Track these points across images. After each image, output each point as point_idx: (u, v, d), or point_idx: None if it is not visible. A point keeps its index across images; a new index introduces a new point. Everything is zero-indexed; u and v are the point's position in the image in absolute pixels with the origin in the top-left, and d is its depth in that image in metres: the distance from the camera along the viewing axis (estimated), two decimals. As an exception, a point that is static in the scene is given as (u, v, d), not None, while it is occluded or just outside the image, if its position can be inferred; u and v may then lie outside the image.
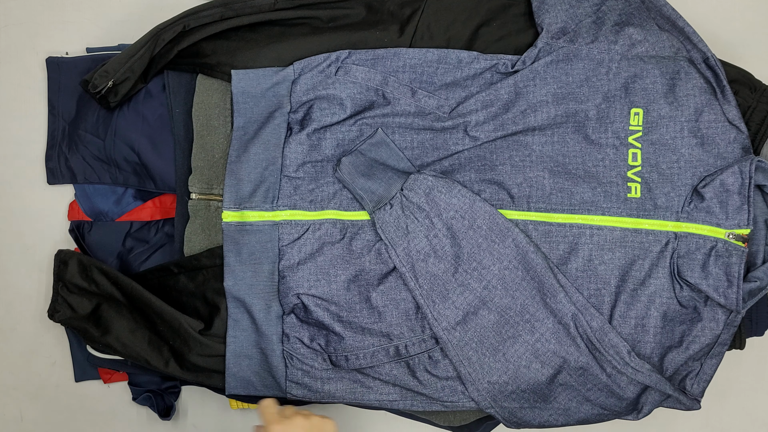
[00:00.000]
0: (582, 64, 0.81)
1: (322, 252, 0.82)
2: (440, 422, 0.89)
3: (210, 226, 0.85)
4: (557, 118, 0.81)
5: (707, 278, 0.78)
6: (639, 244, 0.80)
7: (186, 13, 0.82)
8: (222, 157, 0.85)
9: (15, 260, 0.95)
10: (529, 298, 0.79)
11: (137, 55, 0.82)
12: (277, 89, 0.82)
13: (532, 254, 0.78)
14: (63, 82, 0.92)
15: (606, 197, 0.81)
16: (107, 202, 0.92)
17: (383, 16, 0.85)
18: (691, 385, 0.80)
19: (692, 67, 0.81)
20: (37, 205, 0.94)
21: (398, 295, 0.81)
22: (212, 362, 0.83)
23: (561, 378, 0.80)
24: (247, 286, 0.82)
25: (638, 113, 0.81)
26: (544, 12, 0.83)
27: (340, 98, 0.82)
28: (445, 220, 0.79)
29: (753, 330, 0.88)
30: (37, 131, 0.94)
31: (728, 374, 0.93)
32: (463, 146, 0.81)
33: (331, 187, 0.82)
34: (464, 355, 0.79)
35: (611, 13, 0.83)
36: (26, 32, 0.95)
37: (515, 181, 0.81)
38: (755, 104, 0.83)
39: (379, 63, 0.83)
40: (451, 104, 0.82)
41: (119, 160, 0.89)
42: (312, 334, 0.82)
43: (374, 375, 0.82)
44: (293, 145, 0.82)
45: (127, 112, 0.89)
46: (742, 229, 0.78)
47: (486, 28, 0.84)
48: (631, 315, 0.79)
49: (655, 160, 0.80)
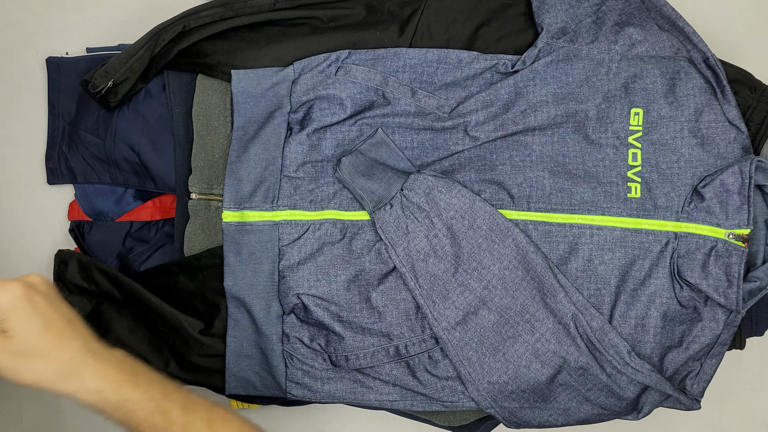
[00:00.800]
0: (582, 64, 0.81)
1: (322, 252, 0.82)
2: (440, 422, 0.89)
3: (210, 226, 0.85)
4: (557, 118, 0.81)
5: (707, 278, 0.78)
6: (639, 244, 0.80)
7: (186, 13, 0.82)
8: (222, 157, 0.85)
9: (15, 260, 0.95)
10: (529, 298, 0.79)
11: (137, 55, 0.82)
12: (277, 89, 0.82)
13: (532, 254, 0.78)
14: (63, 82, 0.92)
15: (606, 197, 0.81)
16: (107, 202, 0.92)
17: (383, 16, 0.85)
18: (691, 385, 0.80)
19: (692, 67, 0.81)
20: (37, 205, 0.94)
21: (398, 295, 0.81)
22: (212, 362, 0.83)
23: (561, 378, 0.80)
24: (247, 286, 0.82)
25: (638, 113, 0.81)
26: (544, 12, 0.83)
27: (340, 98, 0.82)
28: (445, 220, 0.79)
29: (753, 330, 0.88)
30: (37, 131, 0.94)
31: (728, 374, 0.93)
32: (463, 146, 0.81)
33: (331, 187, 0.82)
34: (464, 355, 0.79)
35: (611, 13, 0.83)
36: (26, 32, 0.95)
37: (515, 181, 0.81)
38: (755, 104, 0.83)
39: (379, 63, 0.83)
40: (451, 104, 0.82)
41: (119, 160, 0.89)
42: (312, 334, 0.82)
43: (374, 375, 0.82)
44: (293, 145, 0.82)
45: (127, 112, 0.89)
46: (742, 229, 0.78)
47: (486, 28, 0.84)
48: (631, 315, 0.79)
49: (655, 160, 0.80)
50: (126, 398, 0.57)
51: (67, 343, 0.57)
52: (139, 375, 0.59)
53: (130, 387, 0.57)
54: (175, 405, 0.58)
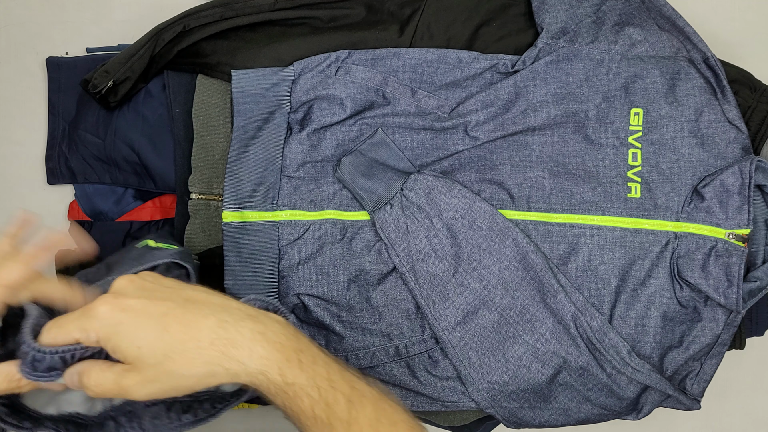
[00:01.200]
0: (582, 64, 0.81)
1: (322, 252, 0.82)
2: (440, 422, 0.89)
3: (210, 226, 0.85)
4: (557, 118, 0.81)
5: (707, 278, 0.78)
6: (639, 244, 0.80)
7: (186, 13, 0.82)
8: (222, 157, 0.85)
9: (15, 260, 0.95)
10: (529, 298, 0.79)
11: (137, 55, 0.82)
12: (277, 89, 0.82)
13: (532, 254, 0.78)
14: (63, 82, 0.92)
15: (606, 197, 0.81)
16: (107, 202, 0.92)
17: (383, 16, 0.85)
18: (691, 385, 0.80)
19: (692, 67, 0.81)
20: (37, 205, 0.94)
21: (398, 295, 0.81)
22: (212, 362, 0.83)
23: (561, 378, 0.80)
24: (247, 286, 0.82)
25: (638, 113, 0.81)
26: (544, 12, 0.83)
27: (340, 98, 0.82)
28: (445, 220, 0.79)
29: (753, 330, 0.88)
30: (37, 131, 0.94)
31: (728, 374, 0.93)
32: (463, 146, 0.81)
33: (331, 187, 0.82)
34: (464, 355, 0.79)
35: (611, 13, 0.83)
36: (26, 32, 0.95)
37: (515, 181, 0.81)
38: (755, 104, 0.83)
39: (379, 63, 0.83)
40: (451, 104, 0.82)
41: (119, 160, 0.89)
42: (312, 334, 0.82)
43: (374, 375, 0.82)
44: (293, 145, 0.82)
45: (127, 112, 0.89)
46: (742, 229, 0.78)
47: (486, 28, 0.84)
48: (631, 315, 0.79)
49: (655, 160, 0.80)
50: (291, 382, 0.48)
51: (198, 326, 0.47)
52: (302, 351, 0.49)
53: (295, 368, 0.48)
54: (341, 397, 0.49)
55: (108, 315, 0.46)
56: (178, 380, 0.46)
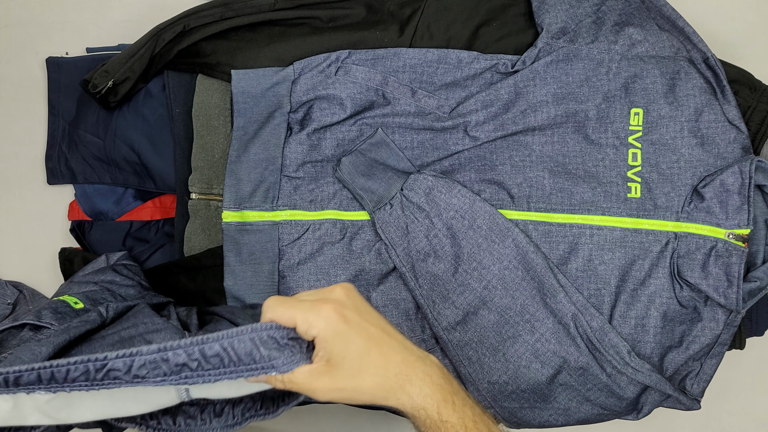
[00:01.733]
0: (582, 64, 0.81)
1: (322, 252, 0.82)
2: (440, 422, 0.89)
3: (210, 226, 0.85)
4: (557, 118, 0.81)
5: (707, 278, 0.78)
6: (639, 244, 0.80)
7: (186, 13, 0.82)
8: (222, 157, 0.85)
9: (15, 260, 0.95)
10: (529, 298, 0.79)
11: (137, 55, 0.82)
12: (277, 89, 0.82)
13: (532, 254, 0.78)
14: (63, 82, 0.92)
15: (606, 197, 0.81)
16: (107, 202, 0.92)
17: (383, 16, 0.85)
18: (691, 385, 0.80)
19: (692, 67, 0.81)
20: (37, 205, 0.94)
21: (398, 295, 0.81)
22: (212, 362, 0.83)
23: (561, 378, 0.80)
24: (247, 286, 0.82)
25: (638, 113, 0.81)
26: (544, 12, 0.83)
27: (340, 98, 0.82)
28: (445, 220, 0.79)
29: (753, 330, 0.88)
30: (37, 131, 0.94)
31: (728, 374, 0.93)
32: (463, 146, 0.81)
33: (331, 187, 0.82)
34: (464, 355, 0.79)
35: (611, 13, 0.83)
36: (26, 32, 0.95)
37: (515, 181, 0.81)
38: (755, 104, 0.83)
39: (379, 63, 0.83)
40: (451, 104, 0.82)
41: (119, 160, 0.89)
42: (312, 334, 0.82)
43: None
44: (293, 145, 0.82)
45: (127, 112, 0.89)
46: (742, 229, 0.78)
47: (486, 28, 0.84)
48: (631, 315, 0.79)
49: (655, 160, 0.80)
50: (445, 420, 0.55)
51: (390, 358, 0.55)
52: (455, 394, 0.57)
53: (450, 409, 0.56)
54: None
55: (334, 320, 0.52)
56: (359, 395, 0.54)
